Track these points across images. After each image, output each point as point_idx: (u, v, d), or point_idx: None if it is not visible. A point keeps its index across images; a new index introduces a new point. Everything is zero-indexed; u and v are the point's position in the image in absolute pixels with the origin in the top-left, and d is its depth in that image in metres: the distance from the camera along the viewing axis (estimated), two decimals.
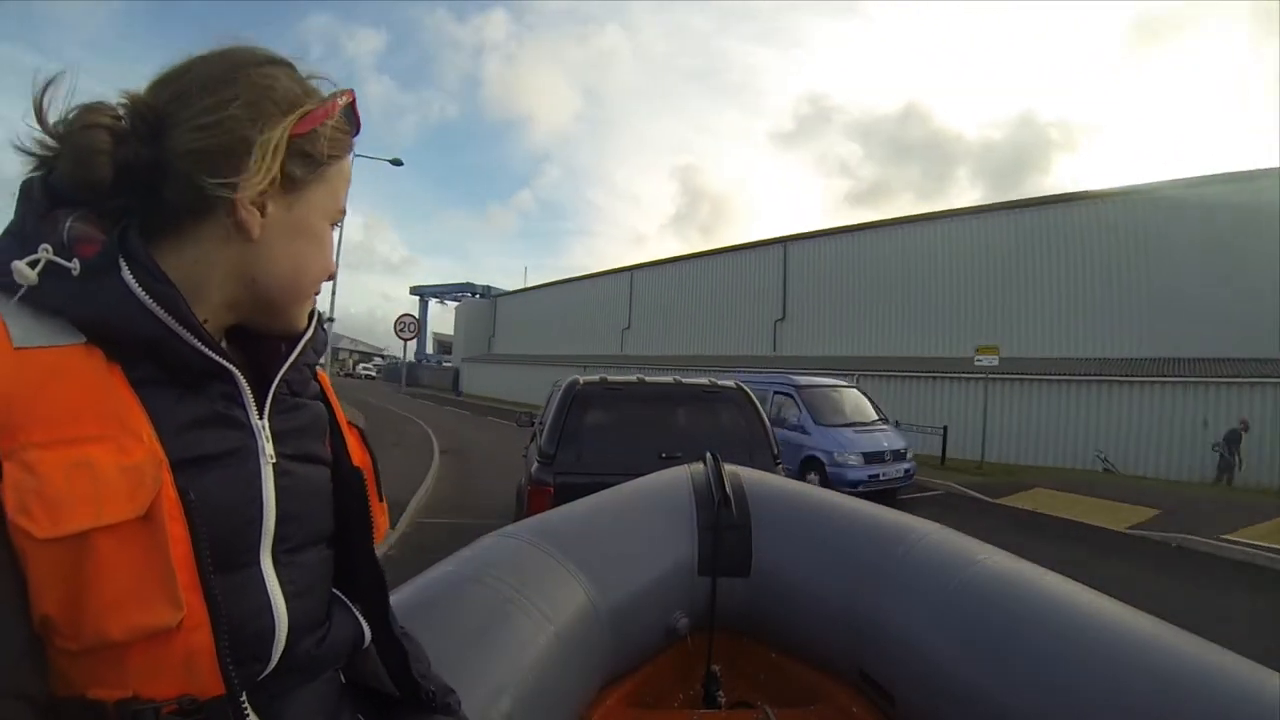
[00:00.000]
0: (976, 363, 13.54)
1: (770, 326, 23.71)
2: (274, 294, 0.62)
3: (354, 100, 0.64)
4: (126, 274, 0.52)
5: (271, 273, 0.61)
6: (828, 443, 9.49)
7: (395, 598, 0.78)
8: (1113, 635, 1.30)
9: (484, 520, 4.97)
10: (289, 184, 0.59)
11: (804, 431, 9.73)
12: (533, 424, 4.83)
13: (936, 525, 1.87)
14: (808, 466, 9.43)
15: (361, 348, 72.28)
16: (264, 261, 0.60)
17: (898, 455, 9.75)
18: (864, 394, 11.17)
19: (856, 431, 9.76)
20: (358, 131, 0.65)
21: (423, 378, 44.95)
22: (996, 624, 1.43)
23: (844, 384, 11.48)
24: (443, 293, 52.07)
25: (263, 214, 0.58)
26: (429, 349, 55.34)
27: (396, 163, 17.14)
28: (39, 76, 0.55)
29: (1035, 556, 1.69)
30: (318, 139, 0.60)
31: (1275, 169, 13.45)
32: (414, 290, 54.99)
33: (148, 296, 0.53)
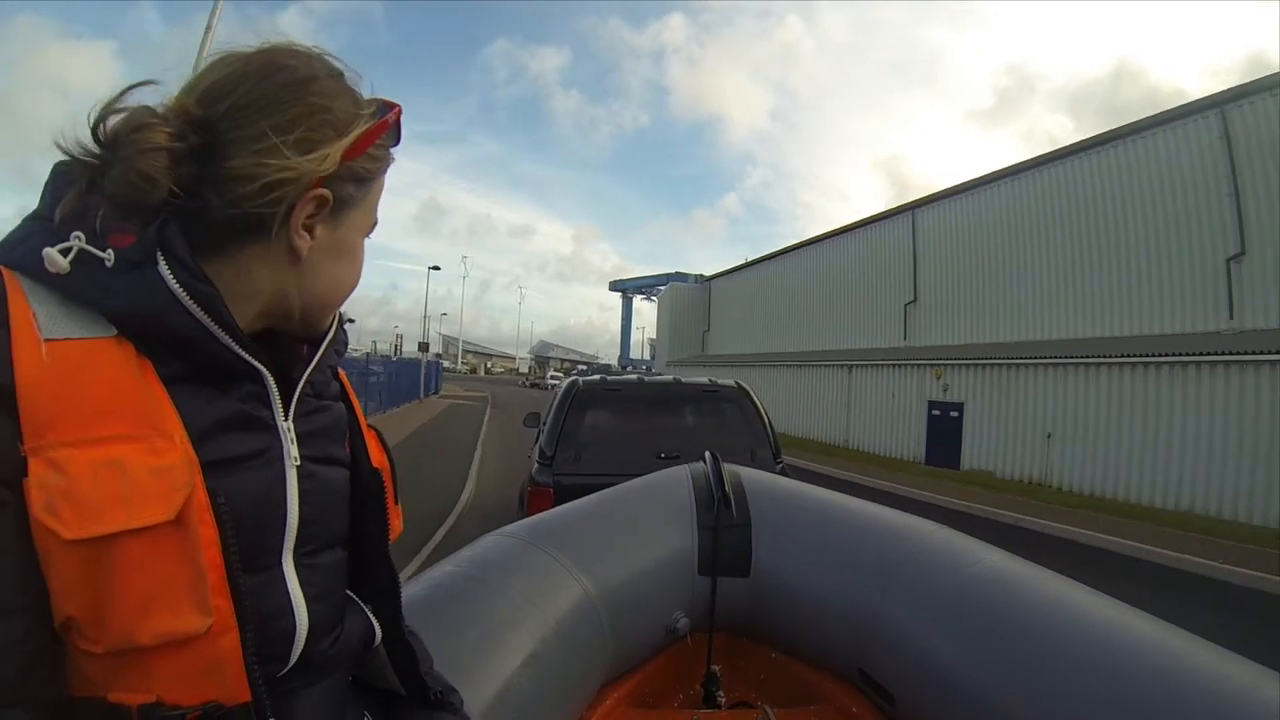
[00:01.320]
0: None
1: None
2: (310, 308, 0.62)
3: (400, 115, 0.63)
4: (164, 268, 0.51)
5: (311, 290, 0.60)
6: None
7: None
8: (1112, 635, 1.31)
9: None
10: (338, 207, 0.59)
11: None
12: (539, 424, 4.83)
13: (937, 525, 1.87)
14: None
15: (573, 356, 71.05)
16: (305, 280, 0.60)
17: None
18: None
19: None
20: (398, 143, 0.64)
21: None
22: (996, 623, 1.43)
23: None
24: (648, 286, 44.30)
25: (311, 237, 0.58)
26: (643, 353, 47.17)
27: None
28: (119, 82, 0.53)
29: None
30: (368, 159, 0.60)
31: None
32: (614, 286, 47.49)
33: (186, 294, 0.51)
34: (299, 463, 0.60)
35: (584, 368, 62.36)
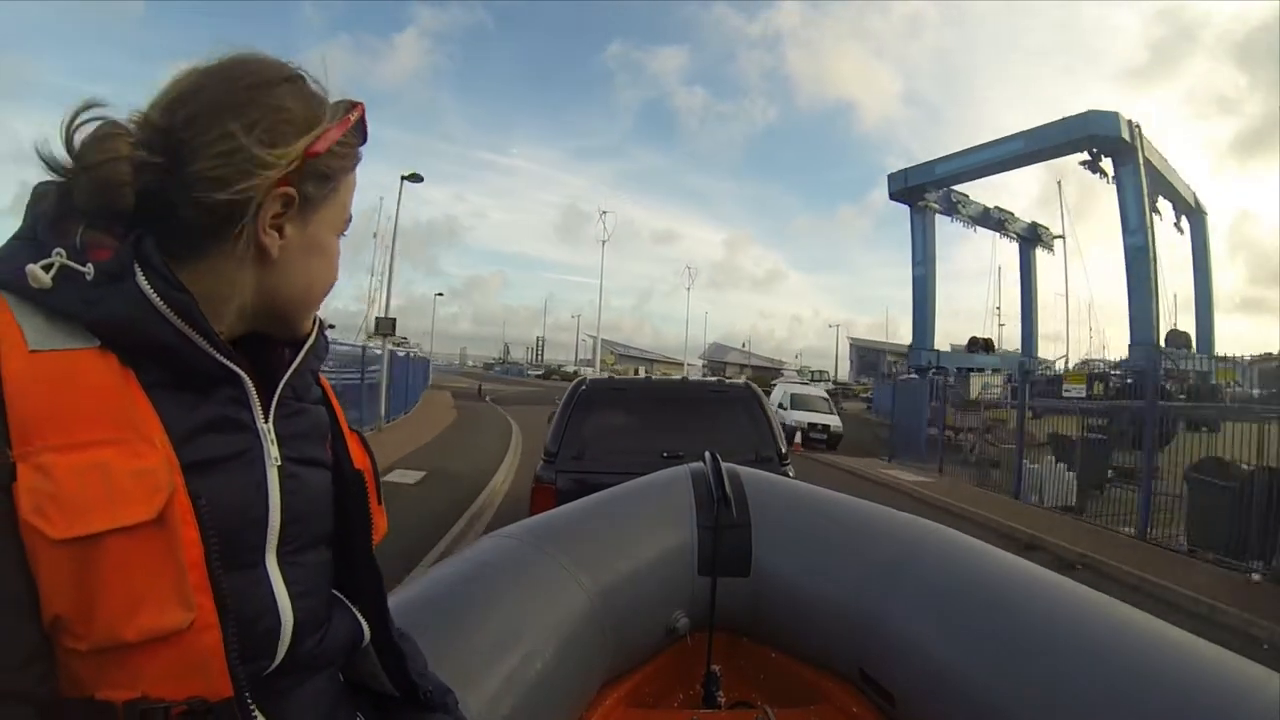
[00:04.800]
0: None
1: None
2: (286, 308, 0.63)
3: (364, 113, 0.64)
4: (141, 279, 0.53)
5: (286, 289, 0.62)
6: None
7: (396, 598, 0.79)
8: (1112, 635, 1.30)
9: None
10: (305, 204, 0.60)
11: None
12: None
13: (937, 525, 1.87)
14: None
15: (754, 362, 68.98)
16: (279, 279, 0.61)
17: None
18: None
19: None
20: (364, 142, 0.66)
21: None
22: (997, 623, 1.43)
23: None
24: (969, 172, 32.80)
25: (281, 235, 0.59)
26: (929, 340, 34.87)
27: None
28: (76, 99, 0.55)
29: None
30: (331, 157, 0.61)
31: None
32: (897, 190, 34.53)
33: (163, 302, 0.53)
34: (280, 463, 0.61)
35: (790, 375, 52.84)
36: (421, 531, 6.07)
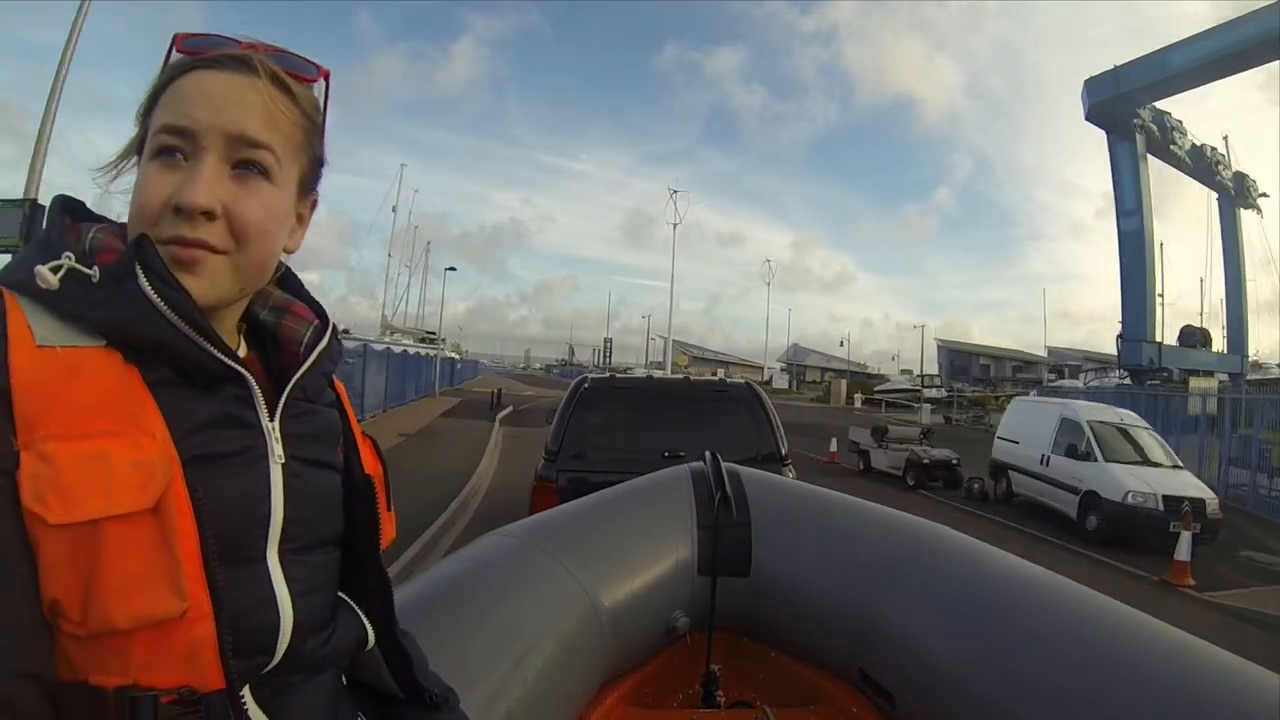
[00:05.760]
0: None
1: None
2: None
3: (174, 42, 0.62)
4: (143, 281, 0.54)
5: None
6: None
7: (396, 596, 0.79)
8: (1112, 636, 1.31)
9: None
10: (142, 144, 0.61)
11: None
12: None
13: (937, 525, 1.87)
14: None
15: (837, 365, 66.69)
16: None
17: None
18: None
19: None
20: (175, 75, 0.61)
21: None
22: (996, 624, 1.43)
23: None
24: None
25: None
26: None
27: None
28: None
29: None
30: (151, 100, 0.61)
31: None
32: (1098, 107, 22.15)
33: (163, 303, 0.55)
34: (284, 461, 0.62)
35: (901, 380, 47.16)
36: None
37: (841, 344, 72.74)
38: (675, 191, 33.63)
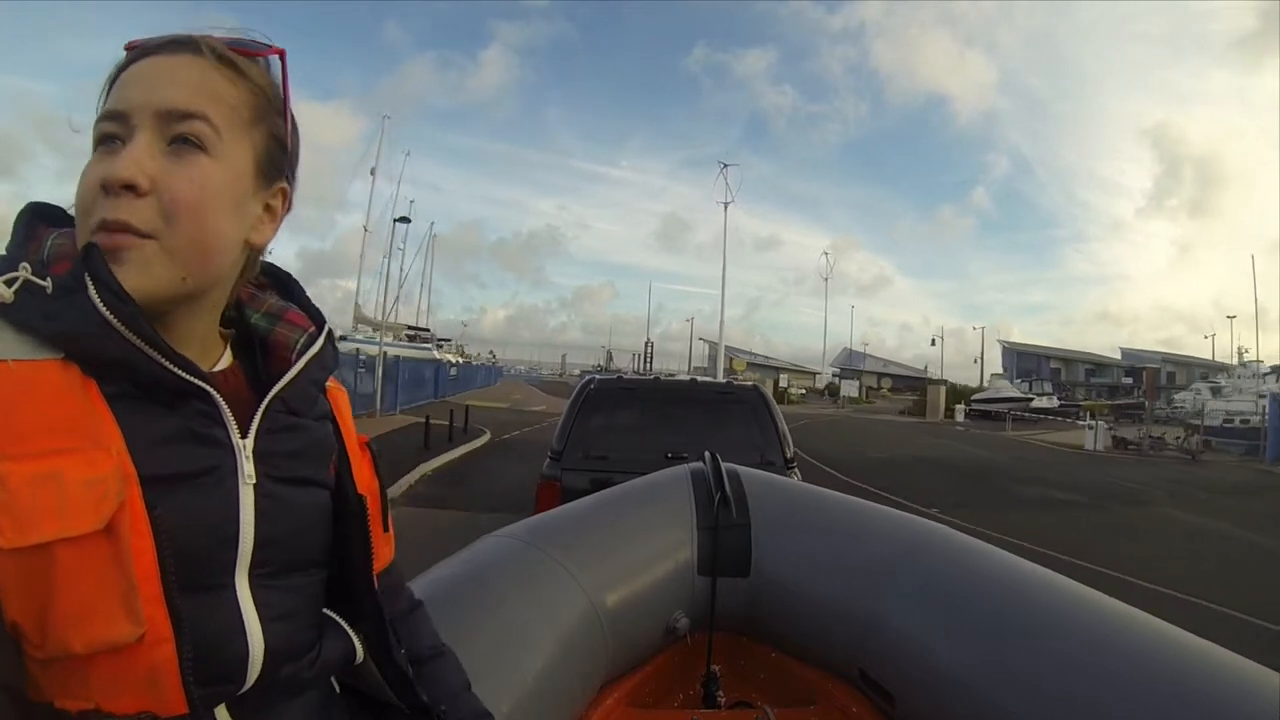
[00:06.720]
0: None
1: None
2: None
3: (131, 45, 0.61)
4: (93, 293, 0.52)
5: None
6: None
7: None
8: (1113, 635, 1.30)
9: None
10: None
11: None
12: None
13: (937, 525, 1.87)
14: None
15: (892, 369, 64.07)
16: None
17: None
18: None
19: None
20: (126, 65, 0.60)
21: None
22: (997, 623, 1.43)
23: None
24: None
25: None
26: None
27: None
28: None
29: None
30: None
31: None
32: None
33: (112, 316, 0.52)
34: (255, 481, 0.59)
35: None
36: None
37: (934, 342, 66.90)
38: (726, 166, 30.13)
